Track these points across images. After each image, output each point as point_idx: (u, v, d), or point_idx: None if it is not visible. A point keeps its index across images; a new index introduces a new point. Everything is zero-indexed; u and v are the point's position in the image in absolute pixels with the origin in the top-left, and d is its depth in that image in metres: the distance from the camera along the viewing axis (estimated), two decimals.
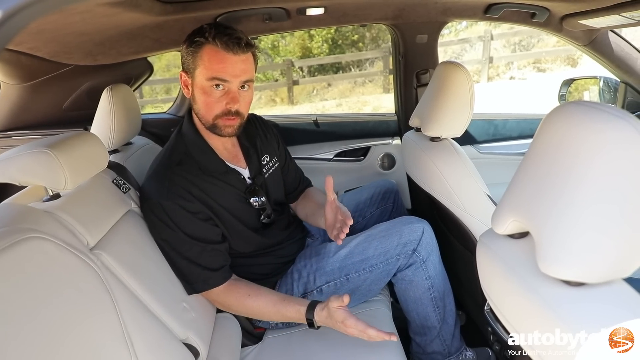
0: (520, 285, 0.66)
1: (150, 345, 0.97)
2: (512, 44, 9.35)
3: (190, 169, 1.27)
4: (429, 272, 1.37)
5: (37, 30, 1.13)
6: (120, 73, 1.97)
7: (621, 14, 1.42)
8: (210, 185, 1.28)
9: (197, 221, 1.23)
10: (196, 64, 1.20)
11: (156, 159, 1.33)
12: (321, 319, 1.19)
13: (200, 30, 1.19)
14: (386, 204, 1.75)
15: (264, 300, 1.26)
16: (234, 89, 1.21)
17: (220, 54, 1.17)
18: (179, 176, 1.24)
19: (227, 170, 1.32)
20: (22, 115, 1.86)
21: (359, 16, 1.89)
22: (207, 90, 1.21)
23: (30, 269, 0.78)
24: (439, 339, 1.42)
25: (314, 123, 2.32)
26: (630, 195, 0.55)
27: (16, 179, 1.06)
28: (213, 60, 1.18)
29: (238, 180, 1.34)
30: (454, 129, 1.38)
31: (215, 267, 1.25)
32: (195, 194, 1.24)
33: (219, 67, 1.18)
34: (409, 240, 1.35)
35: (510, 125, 2.31)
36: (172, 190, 1.22)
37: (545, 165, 0.64)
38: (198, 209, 1.24)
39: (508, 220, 0.71)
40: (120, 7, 1.11)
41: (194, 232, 1.23)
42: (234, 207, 1.33)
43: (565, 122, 0.62)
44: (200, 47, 1.18)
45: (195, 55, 1.19)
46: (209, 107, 1.23)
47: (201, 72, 1.20)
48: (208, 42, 1.17)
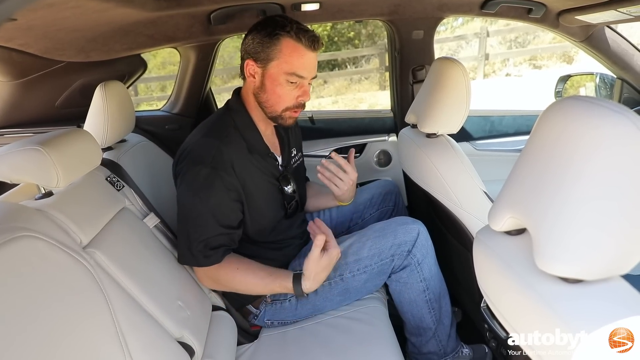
0: (517, 282, 0.66)
1: (145, 345, 0.96)
2: (508, 40, 9.35)
3: (238, 145, 1.28)
4: (424, 275, 1.36)
5: (28, 26, 1.12)
6: (114, 70, 1.96)
7: (618, 10, 1.41)
8: (251, 165, 1.30)
9: (226, 199, 1.24)
10: (273, 56, 1.21)
11: (202, 127, 1.33)
12: (312, 285, 1.24)
13: (277, 23, 1.21)
14: (386, 206, 1.73)
15: (252, 275, 1.28)
16: (306, 83, 1.27)
17: (301, 50, 1.21)
18: (228, 148, 1.25)
19: (269, 153, 1.36)
20: (13, 112, 1.85)
21: (354, 12, 1.88)
22: (282, 83, 1.23)
23: (22, 268, 0.77)
24: (434, 339, 1.41)
25: (309, 120, 2.31)
26: (628, 191, 0.54)
27: (8, 176, 1.05)
28: (294, 55, 1.21)
29: (274, 166, 1.38)
30: (450, 125, 1.38)
31: (218, 245, 1.25)
32: (237, 169, 1.25)
33: (300, 63, 1.21)
34: (403, 241, 1.34)
35: (506, 122, 2.31)
36: (218, 159, 1.22)
37: (542, 161, 0.63)
38: (234, 186, 1.25)
39: (505, 217, 0.71)
40: (112, 2, 1.10)
41: (218, 208, 1.23)
42: (266, 190, 1.35)
43: (562, 117, 0.61)
44: (279, 40, 1.20)
45: (273, 47, 1.20)
46: (282, 99, 1.26)
47: (279, 65, 1.22)
48: (290, 36, 1.19)
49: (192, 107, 2.27)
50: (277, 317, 1.41)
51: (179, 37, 1.77)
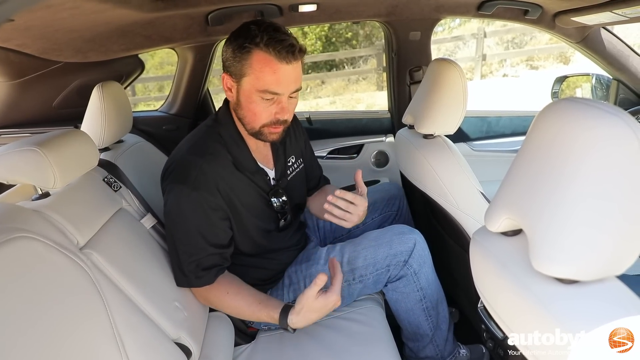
0: (513, 282, 0.66)
1: (142, 346, 0.96)
2: (505, 41, 9.37)
3: (223, 162, 1.22)
4: (421, 284, 1.34)
5: (26, 27, 1.12)
6: (111, 70, 1.96)
7: (613, 11, 1.42)
8: (238, 182, 1.24)
9: (213, 218, 1.19)
10: (244, 71, 1.11)
11: (188, 141, 1.26)
12: (298, 322, 1.14)
13: (248, 33, 1.09)
14: (389, 211, 1.71)
15: (242, 301, 1.23)
16: (285, 99, 1.14)
17: (273, 64, 1.08)
18: (210, 167, 1.18)
19: (257, 169, 1.28)
20: (11, 113, 1.84)
21: (351, 13, 1.89)
22: (256, 100, 1.13)
23: (19, 269, 0.77)
24: (432, 344, 1.40)
25: (307, 120, 2.31)
26: (623, 191, 0.55)
27: (4, 177, 1.05)
28: (265, 70, 1.09)
29: (264, 181, 1.31)
30: (447, 126, 1.38)
31: (210, 266, 1.22)
32: (221, 188, 1.19)
33: (272, 80, 1.10)
34: (399, 252, 1.32)
35: (503, 123, 2.32)
36: (200, 180, 1.16)
37: (538, 163, 0.63)
38: (219, 206, 1.19)
39: (501, 218, 0.71)
40: (109, 3, 1.10)
41: (205, 229, 1.19)
42: (255, 206, 1.29)
43: (557, 119, 0.61)
44: (249, 54, 1.09)
45: (244, 62, 1.10)
46: (257, 116, 1.16)
47: (250, 82, 1.12)
48: (259, 48, 1.08)
49: (190, 107, 2.27)
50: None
51: (176, 38, 1.77)
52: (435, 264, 1.41)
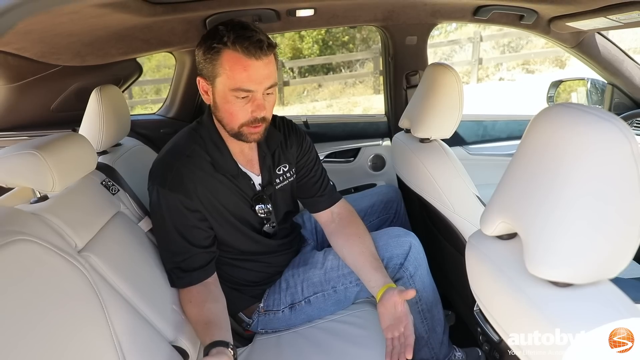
0: (509, 286, 0.67)
1: (139, 348, 0.96)
2: (501, 45, 9.43)
3: (201, 163, 1.21)
4: (417, 286, 1.33)
5: (25, 31, 1.12)
6: (109, 74, 1.96)
7: (608, 17, 1.44)
8: (218, 184, 1.23)
9: (191, 219, 1.20)
10: (216, 72, 1.11)
11: (170, 143, 1.28)
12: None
13: (216, 33, 1.10)
14: (387, 214, 1.71)
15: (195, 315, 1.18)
16: (259, 96, 1.13)
17: (243, 61, 1.08)
18: (187, 169, 1.19)
19: (239, 173, 1.27)
20: (9, 116, 1.84)
21: (348, 18, 1.90)
22: (231, 100, 1.13)
23: (16, 272, 0.77)
24: (427, 347, 1.40)
25: (304, 124, 2.32)
26: (615, 195, 0.56)
27: (3, 180, 1.05)
28: (235, 68, 1.09)
29: (248, 186, 1.29)
30: (444, 130, 1.39)
31: (191, 268, 1.22)
32: (198, 191, 1.20)
33: (243, 77, 1.09)
34: (394, 255, 1.33)
35: (499, 127, 2.33)
36: (175, 182, 1.18)
37: (532, 167, 0.64)
38: (195, 208, 1.20)
39: (496, 222, 0.72)
40: (109, 8, 1.10)
41: (184, 230, 1.20)
42: (238, 208, 1.28)
43: (551, 124, 0.62)
44: (219, 54, 1.09)
45: (215, 62, 1.10)
46: (234, 116, 1.15)
47: (223, 82, 1.12)
48: (227, 47, 1.08)
49: (187, 111, 2.27)
50: (270, 326, 1.40)
51: (174, 42, 1.77)
52: (431, 266, 1.41)
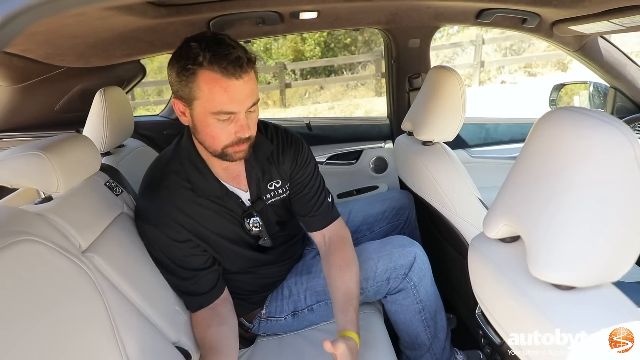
0: (511, 288, 0.67)
1: (142, 348, 0.97)
2: (504, 48, 9.42)
3: (179, 192, 1.16)
4: (421, 296, 1.33)
5: (30, 33, 1.12)
6: (113, 75, 1.97)
7: (610, 21, 1.44)
8: (201, 209, 1.19)
9: (185, 250, 1.19)
10: (193, 95, 1.02)
11: (148, 171, 1.24)
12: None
13: (190, 52, 0.99)
14: (398, 220, 1.69)
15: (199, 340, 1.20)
16: (242, 116, 1.04)
17: (222, 82, 0.98)
18: (166, 202, 1.15)
19: (225, 193, 1.20)
20: (13, 117, 1.85)
21: (352, 20, 1.90)
22: (212, 123, 1.04)
23: (21, 272, 0.77)
24: (429, 353, 1.40)
25: (306, 126, 2.33)
26: (618, 199, 0.56)
27: (8, 181, 1.05)
28: (215, 90, 0.99)
29: (236, 204, 1.23)
30: (446, 133, 1.39)
31: (198, 292, 1.22)
32: (182, 221, 1.16)
33: (224, 99, 1.00)
34: (399, 265, 1.31)
35: (501, 130, 2.33)
36: (160, 218, 1.16)
37: (535, 170, 0.65)
38: (185, 238, 1.18)
39: (499, 225, 0.72)
40: (114, 10, 1.11)
41: (182, 260, 1.20)
42: (228, 230, 1.24)
43: (554, 127, 0.63)
44: (195, 75, 0.99)
45: (191, 85, 1.00)
46: (216, 139, 1.07)
47: (202, 104, 1.02)
48: (203, 67, 0.98)
49: None
50: (272, 331, 1.40)
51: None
52: (433, 269, 1.41)
